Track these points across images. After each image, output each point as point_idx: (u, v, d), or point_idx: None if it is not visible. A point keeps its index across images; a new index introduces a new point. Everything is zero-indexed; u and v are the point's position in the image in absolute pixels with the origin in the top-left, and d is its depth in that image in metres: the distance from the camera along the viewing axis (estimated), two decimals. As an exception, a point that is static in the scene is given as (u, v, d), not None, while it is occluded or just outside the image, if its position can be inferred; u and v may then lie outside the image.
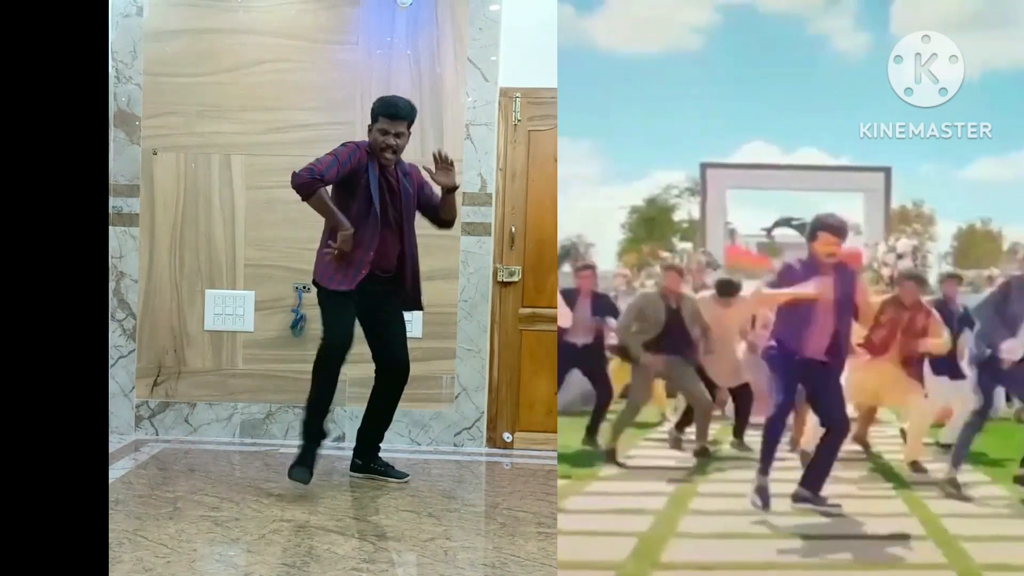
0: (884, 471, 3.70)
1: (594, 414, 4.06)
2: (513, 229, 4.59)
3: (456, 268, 4.51)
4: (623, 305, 4.06)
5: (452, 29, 4.56)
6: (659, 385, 4.40)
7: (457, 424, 4.55)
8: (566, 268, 4.37)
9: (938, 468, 3.54)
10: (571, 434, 4.06)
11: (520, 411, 4.61)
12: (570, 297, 4.05)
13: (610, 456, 3.76)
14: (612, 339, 4.00)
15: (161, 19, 4.57)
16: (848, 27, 3.67)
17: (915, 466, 3.64)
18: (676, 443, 4.05)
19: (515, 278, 4.59)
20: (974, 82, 3.20)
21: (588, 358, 4.05)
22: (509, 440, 4.59)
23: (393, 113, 3.59)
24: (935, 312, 3.70)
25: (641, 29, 3.79)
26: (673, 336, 3.82)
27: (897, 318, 3.62)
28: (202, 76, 4.59)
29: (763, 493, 3.07)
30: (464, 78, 4.54)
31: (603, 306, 4.08)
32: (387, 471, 3.83)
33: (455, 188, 3.73)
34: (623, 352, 3.92)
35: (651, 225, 4.83)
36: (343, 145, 3.60)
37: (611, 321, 4.04)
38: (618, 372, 4.17)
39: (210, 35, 4.60)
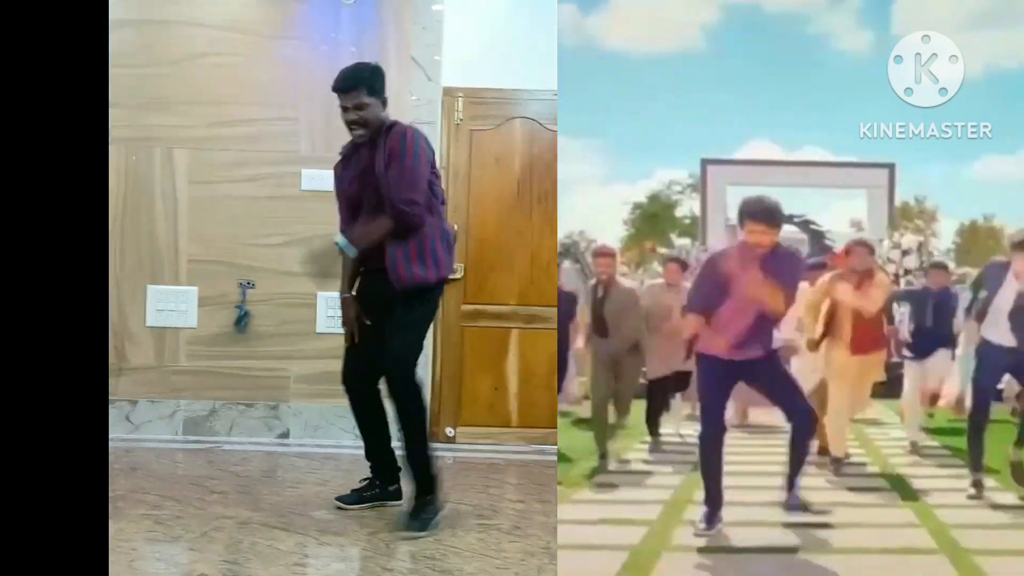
0: (890, 479, 3.54)
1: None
2: (456, 228, 4.65)
3: (400, 265, 4.56)
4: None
5: (396, 28, 4.59)
6: None
7: (401, 419, 4.61)
8: (566, 265, 4.38)
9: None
10: (569, 435, 4.02)
11: (462, 407, 4.69)
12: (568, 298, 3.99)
13: (604, 458, 3.73)
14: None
15: (101, 11, 4.52)
16: (850, 27, 3.67)
17: (822, 452, 3.60)
18: (657, 447, 4.02)
19: (458, 276, 4.66)
20: (975, 81, 3.17)
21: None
22: (451, 435, 4.67)
23: (341, 86, 3.17)
24: (880, 274, 3.60)
25: (645, 28, 3.77)
26: (596, 323, 3.74)
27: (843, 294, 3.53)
28: (144, 68, 4.55)
29: (709, 519, 2.87)
30: (408, 77, 4.58)
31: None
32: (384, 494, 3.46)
33: None
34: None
35: (653, 221, 4.88)
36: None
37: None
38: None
39: (152, 26, 4.57)
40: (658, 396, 4.06)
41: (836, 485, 3.42)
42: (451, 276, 3.25)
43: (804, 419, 2.88)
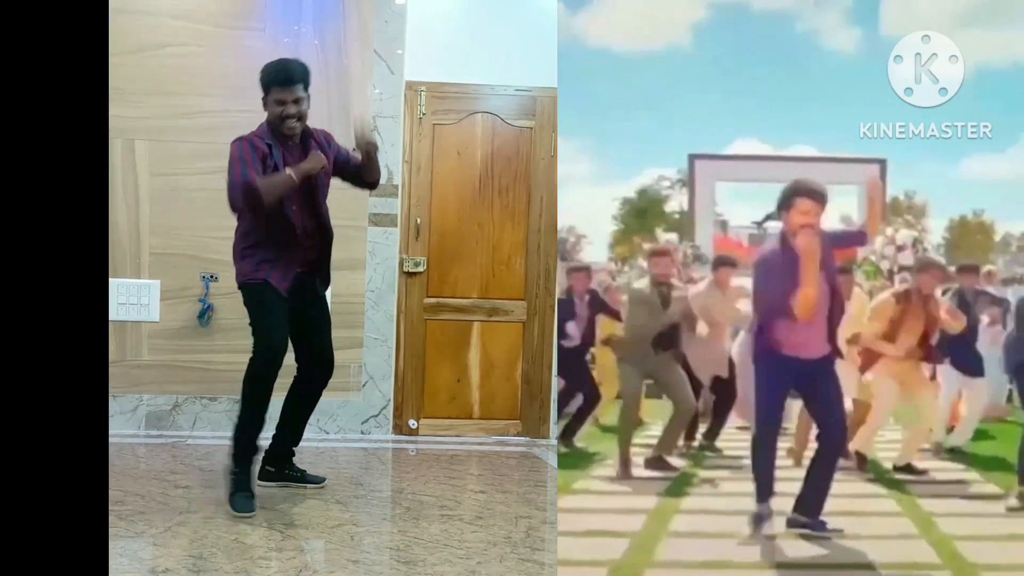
0: (887, 484, 3.41)
1: (577, 416, 3.92)
2: (419, 221, 4.70)
3: (363, 259, 4.59)
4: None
5: (359, 21, 4.59)
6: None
7: (364, 412, 4.65)
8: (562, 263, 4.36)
9: (946, 474, 3.39)
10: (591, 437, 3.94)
11: (425, 399, 4.75)
12: (567, 301, 3.90)
13: (625, 466, 3.50)
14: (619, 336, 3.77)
15: None
16: (844, 25, 3.62)
17: (909, 469, 3.47)
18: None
19: (420, 269, 4.71)
20: (969, 80, 3.14)
21: (576, 359, 3.89)
22: (414, 427, 4.72)
23: (285, 78, 3.22)
24: (945, 301, 3.52)
25: (632, 26, 3.68)
26: (667, 330, 3.55)
27: (911, 311, 3.43)
28: (102, 60, 4.50)
29: (759, 520, 2.73)
30: (370, 70, 4.59)
31: (598, 303, 3.93)
32: (303, 477, 3.63)
33: (376, 148, 3.44)
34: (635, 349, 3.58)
35: (642, 216, 4.90)
36: (234, 144, 3.24)
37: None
38: (605, 373, 3.99)
39: (112, 15, 4.50)
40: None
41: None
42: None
43: (842, 434, 2.72)
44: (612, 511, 3.16)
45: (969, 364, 3.73)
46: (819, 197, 2.63)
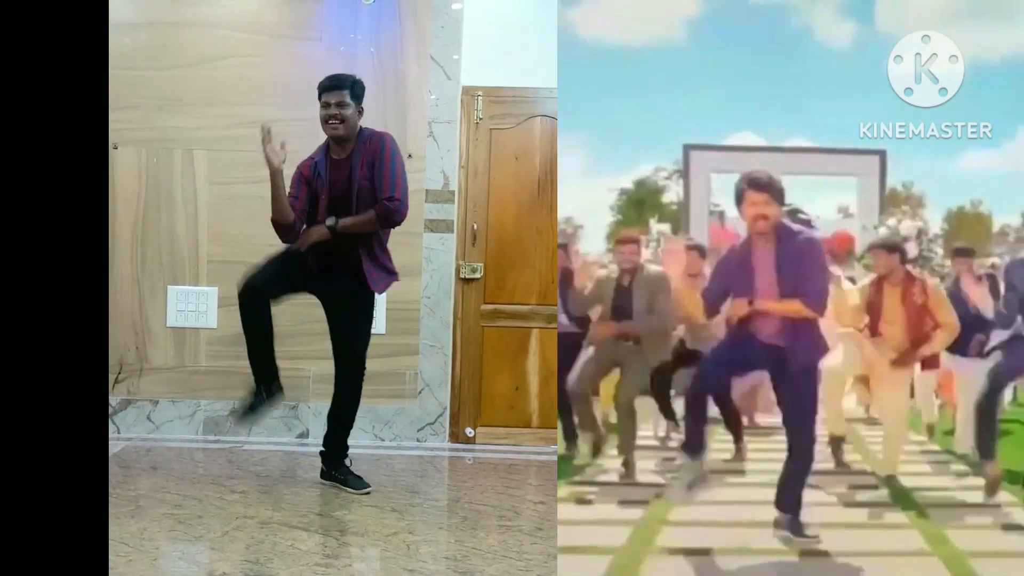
0: (894, 494, 3.23)
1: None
2: (475, 226, 4.65)
3: (419, 265, 4.55)
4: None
5: (414, 26, 4.59)
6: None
7: (420, 419, 4.60)
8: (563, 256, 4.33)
9: (959, 483, 3.24)
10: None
11: (482, 406, 4.68)
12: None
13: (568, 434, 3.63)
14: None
15: (122, 11, 4.53)
16: (841, 21, 3.62)
17: (891, 481, 3.26)
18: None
19: (477, 275, 4.65)
20: (969, 80, 3.14)
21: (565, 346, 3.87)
22: (471, 435, 4.66)
23: (329, 84, 3.51)
24: (933, 286, 3.35)
25: (628, 18, 3.72)
26: (617, 315, 3.56)
27: (884, 297, 3.31)
28: (163, 70, 4.57)
29: (694, 486, 2.75)
30: (427, 76, 4.57)
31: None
32: (345, 481, 3.64)
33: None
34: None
35: (640, 207, 4.87)
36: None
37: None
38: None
39: (171, 28, 4.58)
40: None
41: (835, 502, 3.12)
42: None
43: (807, 448, 2.64)
44: (599, 522, 3.05)
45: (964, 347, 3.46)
46: (765, 187, 2.57)
